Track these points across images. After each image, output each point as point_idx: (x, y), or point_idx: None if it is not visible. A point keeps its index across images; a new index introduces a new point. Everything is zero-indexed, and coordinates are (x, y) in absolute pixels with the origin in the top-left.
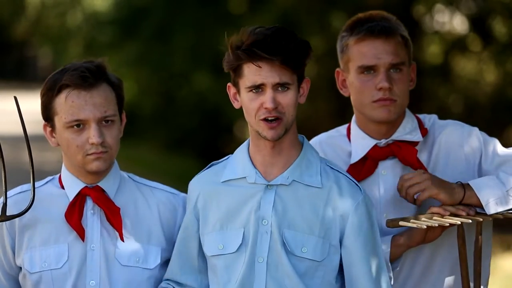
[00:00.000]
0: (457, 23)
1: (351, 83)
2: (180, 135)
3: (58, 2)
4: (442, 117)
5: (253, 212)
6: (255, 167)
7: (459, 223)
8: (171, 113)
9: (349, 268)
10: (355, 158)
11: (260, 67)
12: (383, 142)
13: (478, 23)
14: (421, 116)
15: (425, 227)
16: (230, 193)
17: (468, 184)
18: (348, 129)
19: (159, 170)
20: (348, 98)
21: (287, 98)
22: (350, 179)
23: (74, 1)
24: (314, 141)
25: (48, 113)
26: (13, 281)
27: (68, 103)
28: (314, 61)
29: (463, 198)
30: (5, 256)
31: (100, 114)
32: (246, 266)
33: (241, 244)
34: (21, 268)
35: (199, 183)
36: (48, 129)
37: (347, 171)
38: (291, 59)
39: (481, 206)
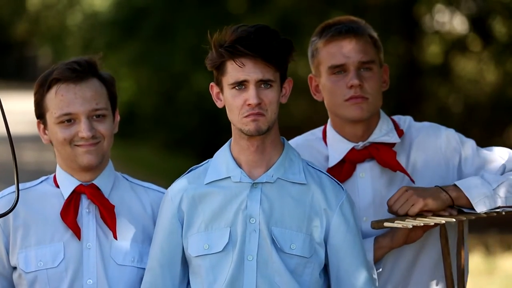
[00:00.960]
0: (457, 23)
1: (323, 85)
2: (180, 135)
3: (58, 2)
4: (442, 117)
5: (240, 211)
6: (239, 166)
7: (444, 222)
8: (171, 113)
9: (336, 266)
10: (333, 161)
11: (243, 65)
12: (360, 144)
13: (478, 23)
14: (395, 117)
15: (411, 226)
16: (214, 194)
17: (451, 186)
18: (324, 132)
19: (159, 170)
20: None
21: (270, 95)
22: (332, 179)
23: (74, 1)
24: (290, 143)
25: (40, 110)
26: (6, 281)
27: (58, 98)
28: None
29: (452, 201)
30: None
31: (90, 107)
32: (235, 265)
33: (227, 243)
34: (15, 268)
35: (181, 187)
36: (41, 126)
37: None
38: (274, 56)
39: (470, 206)
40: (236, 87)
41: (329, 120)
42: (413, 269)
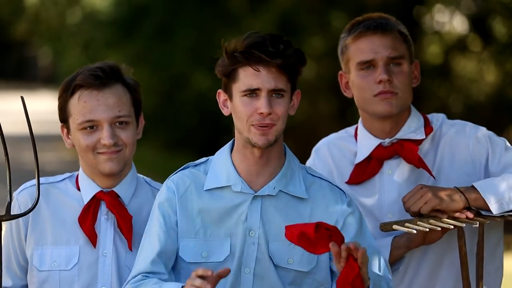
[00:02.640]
0: (457, 23)
1: (353, 82)
2: (180, 135)
3: (57, 1)
4: None
5: (240, 223)
6: (240, 175)
7: (452, 227)
8: (171, 113)
9: None
10: (360, 158)
11: (258, 70)
12: (387, 141)
13: (478, 23)
14: (429, 115)
15: (415, 232)
16: (213, 202)
17: (470, 187)
18: (356, 130)
19: (159, 170)
20: (348, 98)
21: (281, 106)
22: (333, 185)
23: (73, 1)
24: (323, 142)
25: (64, 115)
26: (26, 276)
27: (81, 104)
28: (314, 61)
29: (468, 202)
30: (20, 248)
31: (113, 114)
32: (233, 276)
33: (228, 255)
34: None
35: (181, 183)
36: (65, 130)
37: (353, 171)
38: (288, 64)
39: (487, 208)
40: (248, 95)
41: (360, 118)
42: (439, 270)
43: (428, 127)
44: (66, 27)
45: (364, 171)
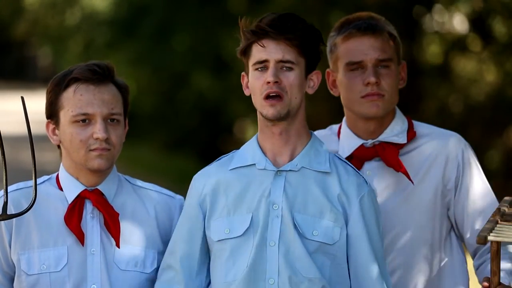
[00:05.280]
0: (457, 23)
1: (340, 81)
2: (180, 135)
3: (57, 2)
4: (442, 117)
5: (263, 198)
6: (265, 154)
7: None
8: (171, 113)
9: (354, 258)
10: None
11: (263, 46)
12: (369, 142)
13: (478, 23)
14: (420, 123)
15: None
16: (237, 180)
17: None
18: (340, 128)
19: (159, 170)
20: None
21: (290, 77)
22: (357, 171)
23: (73, 1)
24: None
25: (53, 109)
26: (12, 282)
27: (77, 97)
28: None
29: None
30: (4, 255)
31: (107, 111)
32: (256, 250)
33: (248, 228)
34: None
35: (205, 175)
36: (51, 126)
37: None
38: (297, 37)
39: None
40: (259, 69)
41: (344, 117)
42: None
43: (411, 132)
44: (66, 27)
45: None
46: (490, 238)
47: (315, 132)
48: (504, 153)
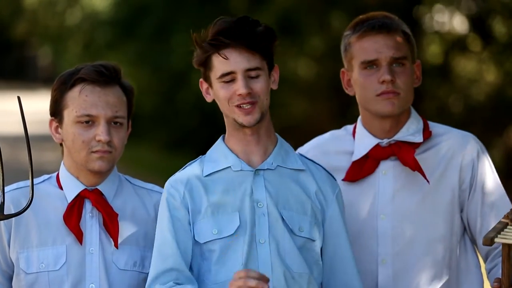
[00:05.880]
0: (457, 23)
1: (355, 80)
2: (180, 135)
3: (56, 1)
4: (442, 117)
5: (247, 197)
6: (237, 156)
7: None
8: (171, 113)
9: (332, 252)
10: (357, 156)
11: (226, 58)
12: (385, 141)
13: (478, 23)
14: (435, 124)
15: None
16: (215, 183)
17: None
18: (355, 128)
19: (159, 170)
20: (348, 97)
21: (259, 84)
22: (325, 170)
23: (73, 1)
24: (321, 137)
25: (57, 107)
26: (10, 281)
27: (82, 97)
28: (314, 61)
29: None
30: (2, 253)
31: (111, 113)
32: (248, 249)
33: (238, 227)
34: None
35: (179, 181)
36: (54, 124)
37: (349, 169)
38: (257, 43)
39: None
40: (224, 80)
41: (360, 116)
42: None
43: (426, 131)
44: (66, 27)
45: (361, 170)
46: (497, 240)
47: (330, 132)
48: (504, 153)
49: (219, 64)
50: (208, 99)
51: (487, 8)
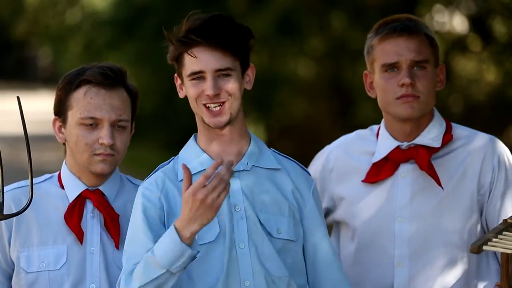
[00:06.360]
0: (457, 23)
1: (377, 83)
2: (181, 135)
3: (57, 1)
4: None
5: (224, 201)
6: (211, 158)
7: None
8: (172, 113)
9: (313, 248)
10: (377, 157)
11: (195, 57)
12: (405, 144)
13: (478, 23)
14: (459, 126)
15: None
16: None
17: None
18: (379, 129)
19: None
20: (348, 98)
21: (230, 84)
22: (299, 165)
23: (73, 1)
24: (347, 136)
25: (61, 107)
26: (10, 280)
27: (86, 99)
28: (314, 61)
29: None
30: (3, 252)
31: (115, 117)
32: (228, 254)
33: (219, 232)
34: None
35: (154, 184)
36: (58, 124)
37: (369, 170)
38: (229, 42)
39: None
40: (194, 78)
41: (383, 118)
42: None
43: (448, 135)
44: (66, 27)
45: (380, 172)
46: (485, 248)
47: (356, 132)
48: None
49: (189, 62)
50: (181, 95)
51: (487, 8)
